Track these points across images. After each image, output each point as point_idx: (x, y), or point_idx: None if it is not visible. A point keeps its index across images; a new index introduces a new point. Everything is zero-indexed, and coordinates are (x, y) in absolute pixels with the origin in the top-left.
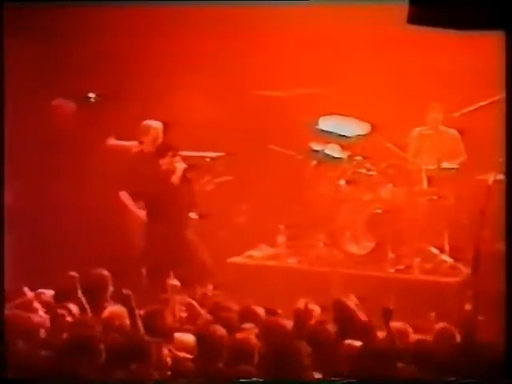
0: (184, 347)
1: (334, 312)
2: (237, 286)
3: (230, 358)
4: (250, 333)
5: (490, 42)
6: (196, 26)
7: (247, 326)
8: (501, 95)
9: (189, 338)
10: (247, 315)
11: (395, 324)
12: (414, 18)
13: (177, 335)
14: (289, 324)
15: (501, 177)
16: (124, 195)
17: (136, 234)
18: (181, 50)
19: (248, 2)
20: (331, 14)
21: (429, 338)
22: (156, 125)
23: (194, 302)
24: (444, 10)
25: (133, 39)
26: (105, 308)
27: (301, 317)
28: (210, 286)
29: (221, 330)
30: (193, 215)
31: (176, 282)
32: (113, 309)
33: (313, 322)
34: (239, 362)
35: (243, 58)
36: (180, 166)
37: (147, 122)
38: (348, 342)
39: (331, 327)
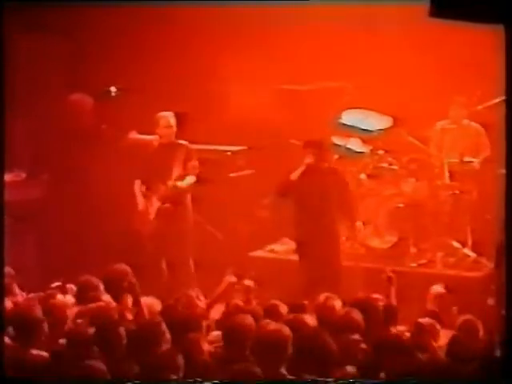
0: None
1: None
2: (258, 280)
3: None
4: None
5: None
6: (218, 21)
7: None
8: None
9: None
10: (269, 311)
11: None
12: (436, 12)
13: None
14: (311, 318)
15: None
16: (137, 184)
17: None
18: (203, 45)
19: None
20: (353, 10)
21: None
22: (166, 114)
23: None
24: (467, 2)
25: (154, 33)
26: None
27: (322, 311)
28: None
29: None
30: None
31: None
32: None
33: (336, 315)
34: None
35: (265, 52)
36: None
37: (159, 113)
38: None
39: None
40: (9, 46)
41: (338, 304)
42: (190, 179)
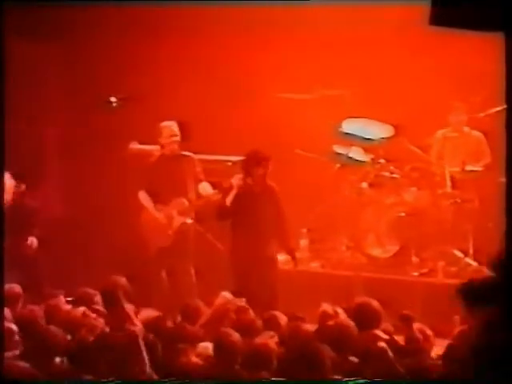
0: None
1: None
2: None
3: (248, 363)
4: (269, 338)
5: None
6: (217, 28)
7: (269, 332)
8: None
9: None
10: (269, 321)
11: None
12: (436, 19)
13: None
14: (312, 328)
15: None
16: (142, 195)
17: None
18: (203, 54)
19: (272, 2)
20: (354, 16)
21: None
22: (169, 124)
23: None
24: (467, 10)
25: (153, 40)
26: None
27: (325, 320)
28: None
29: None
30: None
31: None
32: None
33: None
34: (257, 367)
35: (267, 61)
36: None
37: (162, 123)
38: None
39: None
40: (8, 52)
41: (340, 313)
42: (208, 187)
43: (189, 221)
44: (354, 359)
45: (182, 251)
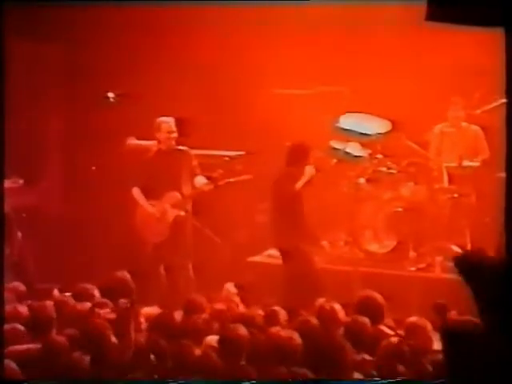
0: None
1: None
2: (256, 285)
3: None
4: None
5: None
6: (215, 24)
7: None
8: None
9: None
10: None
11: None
12: (433, 15)
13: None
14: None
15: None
16: (136, 191)
17: (148, 230)
18: (201, 49)
19: (272, 2)
20: (351, 12)
21: None
22: (167, 120)
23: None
24: (464, 5)
25: (151, 37)
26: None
27: (323, 316)
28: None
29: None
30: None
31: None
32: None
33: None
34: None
35: (263, 56)
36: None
37: (159, 118)
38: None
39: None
40: (8, 52)
41: (338, 308)
42: (202, 180)
43: (182, 213)
44: (367, 356)
45: (178, 245)
